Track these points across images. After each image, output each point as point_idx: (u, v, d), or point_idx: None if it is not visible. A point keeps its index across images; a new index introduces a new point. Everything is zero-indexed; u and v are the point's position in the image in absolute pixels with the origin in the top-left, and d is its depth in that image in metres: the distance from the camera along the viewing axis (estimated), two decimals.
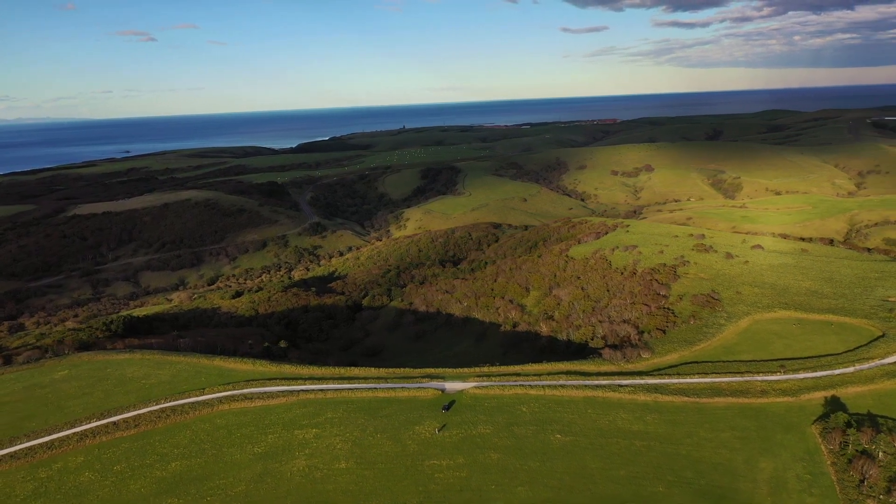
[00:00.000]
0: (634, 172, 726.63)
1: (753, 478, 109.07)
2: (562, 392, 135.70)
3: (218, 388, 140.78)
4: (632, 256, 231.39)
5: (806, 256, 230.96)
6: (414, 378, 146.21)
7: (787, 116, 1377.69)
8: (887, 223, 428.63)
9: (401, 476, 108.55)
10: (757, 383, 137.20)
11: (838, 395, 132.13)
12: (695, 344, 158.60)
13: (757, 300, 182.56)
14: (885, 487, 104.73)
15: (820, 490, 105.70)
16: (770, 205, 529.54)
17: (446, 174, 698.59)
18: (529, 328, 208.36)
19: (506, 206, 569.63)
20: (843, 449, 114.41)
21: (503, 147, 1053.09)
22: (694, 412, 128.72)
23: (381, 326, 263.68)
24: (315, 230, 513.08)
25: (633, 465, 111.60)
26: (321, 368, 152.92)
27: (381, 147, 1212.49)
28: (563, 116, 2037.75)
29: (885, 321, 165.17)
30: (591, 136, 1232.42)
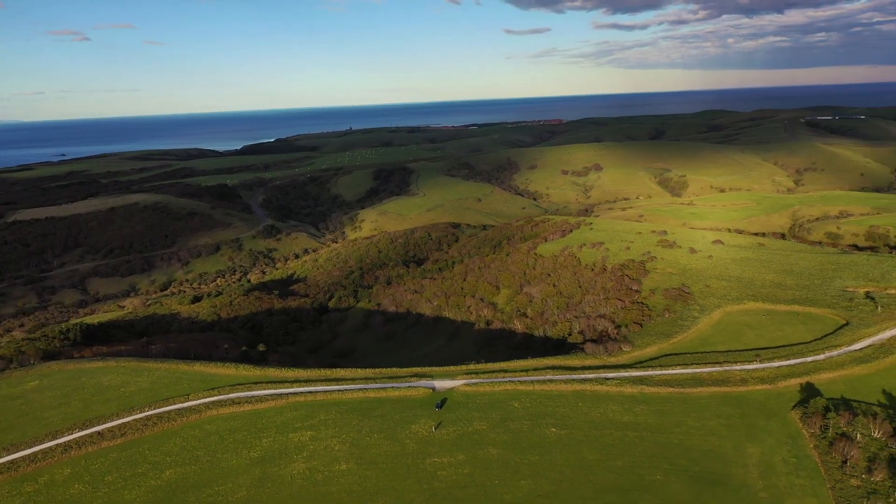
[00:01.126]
0: (584, 172, 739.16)
1: (743, 463, 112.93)
2: (551, 387, 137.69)
3: (203, 393, 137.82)
4: (600, 253, 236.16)
5: (764, 250, 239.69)
6: (402, 377, 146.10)
7: (725, 116, 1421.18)
8: (827, 218, 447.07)
9: (403, 475, 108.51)
10: (736, 372, 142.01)
11: (812, 382, 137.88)
12: (672, 336, 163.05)
13: (726, 293, 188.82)
14: (865, 467, 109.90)
15: (806, 472, 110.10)
16: (716, 202, 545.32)
17: (399, 175, 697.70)
18: (503, 326, 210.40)
19: (461, 206, 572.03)
20: (823, 432, 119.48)
21: (452, 147, 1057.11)
22: (680, 402, 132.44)
23: (349, 328, 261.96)
24: (269, 233, 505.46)
25: (629, 455, 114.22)
26: (307, 371, 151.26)
27: (329, 148, 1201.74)
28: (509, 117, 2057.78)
29: (847, 310, 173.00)
30: (537, 137, 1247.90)
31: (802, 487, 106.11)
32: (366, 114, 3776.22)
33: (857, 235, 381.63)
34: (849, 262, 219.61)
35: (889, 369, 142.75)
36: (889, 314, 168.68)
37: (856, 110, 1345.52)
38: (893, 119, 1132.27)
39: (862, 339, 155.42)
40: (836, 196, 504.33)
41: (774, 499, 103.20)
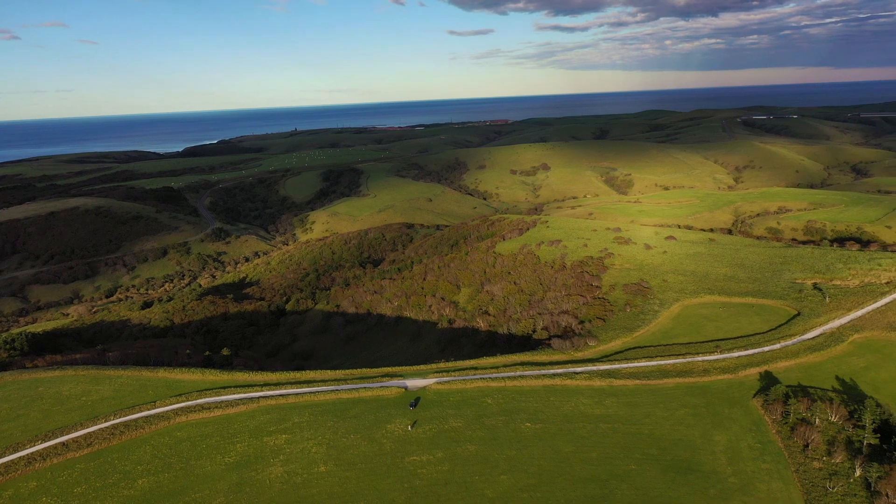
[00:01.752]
0: (532, 171, 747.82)
1: (711, 450, 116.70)
2: (522, 382, 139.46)
3: (170, 399, 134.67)
4: (558, 251, 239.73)
5: (715, 245, 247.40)
6: (373, 378, 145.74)
7: (665, 116, 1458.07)
8: (767, 214, 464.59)
9: (383, 475, 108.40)
10: (698, 363, 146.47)
11: (770, 370, 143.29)
12: (635, 330, 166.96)
13: (683, 287, 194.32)
14: (825, 450, 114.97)
15: (771, 457, 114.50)
16: (662, 199, 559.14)
17: (348, 176, 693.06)
18: (466, 324, 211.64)
19: (412, 206, 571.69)
20: (784, 418, 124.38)
21: (400, 148, 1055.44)
22: (647, 393, 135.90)
23: (308, 330, 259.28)
24: (218, 236, 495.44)
25: (603, 447, 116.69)
26: (275, 374, 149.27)
27: (274, 150, 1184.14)
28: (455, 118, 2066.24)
29: (798, 301, 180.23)
30: (484, 137, 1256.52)
31: (769, 472, 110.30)
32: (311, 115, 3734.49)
33: (795, 230, 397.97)
34: (795, 255, 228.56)
35: (840, 357, 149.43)
36: (836, 304, 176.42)
37: (788, 110, 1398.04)
38: (824, 118, 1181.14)
39: (814, 328, 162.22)
40: (774, 193, 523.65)
41: (743, 484, 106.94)
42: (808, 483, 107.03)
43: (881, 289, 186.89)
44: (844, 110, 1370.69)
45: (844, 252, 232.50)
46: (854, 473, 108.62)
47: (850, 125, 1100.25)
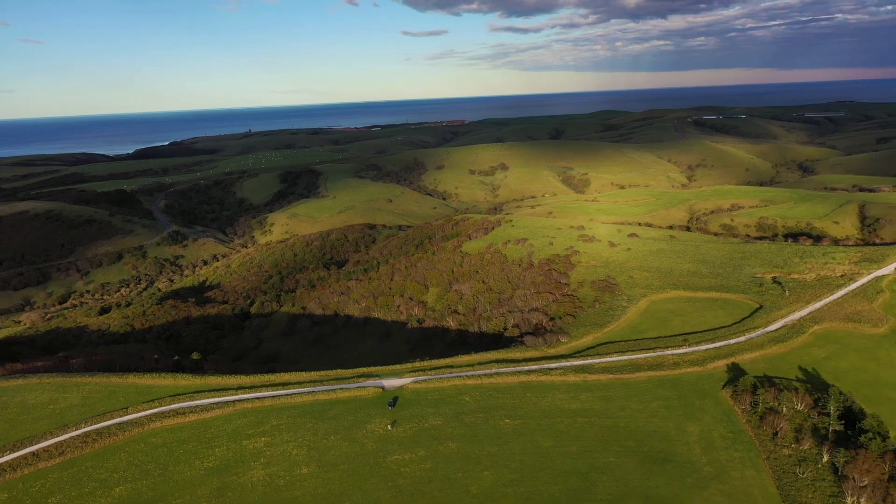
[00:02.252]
0: (490, 171, 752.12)
1: (686, 440, 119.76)
2: (498, 380, 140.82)
3: (142, 406, 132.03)
4: (525, 249, 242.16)
5: (676, 242, 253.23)
6: (348, 378, 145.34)
7: (619, 116, 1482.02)
8: (721, 211, 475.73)
9: (366, 475, 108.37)
10: (669, 357, 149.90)
11: (737, 362, 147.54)
12: (605, 326, 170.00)
13: (649, 283, 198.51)
14: (794, 437, 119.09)
15: (742, 445, 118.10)
16: (619, 198, 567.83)
17: (307, 177, 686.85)
18: (436, 323, 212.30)
19: (372, 207, 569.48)
20: (753, 408, 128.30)
21: (357, 149, 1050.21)
22: (621, 387, 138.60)
23: (274, 333, 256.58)
24: (175, 239, 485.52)
25: (582, 441, 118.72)
26: (250, 377, 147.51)
27: (229, 151, 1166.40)
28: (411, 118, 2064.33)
29: (759, 294, 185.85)
30: (441, 137, 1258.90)
31: (741, 460, 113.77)
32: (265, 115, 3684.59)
33: (748, 226, 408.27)
34: (753, 250, 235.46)
35: (802, 347, 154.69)
36: (796, 297, 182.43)
37: (737, 110, 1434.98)
38: (770, 118, 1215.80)
39: (776, 320, 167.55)
40: (726, 190, 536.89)
41: (718, 472, 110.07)
42: (779, 470, 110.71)
43: (836, 281, 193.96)
44: (790, 110, 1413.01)
45: (800, 247, 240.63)
46: (822, 459, 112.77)
47: (795, 125, 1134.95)
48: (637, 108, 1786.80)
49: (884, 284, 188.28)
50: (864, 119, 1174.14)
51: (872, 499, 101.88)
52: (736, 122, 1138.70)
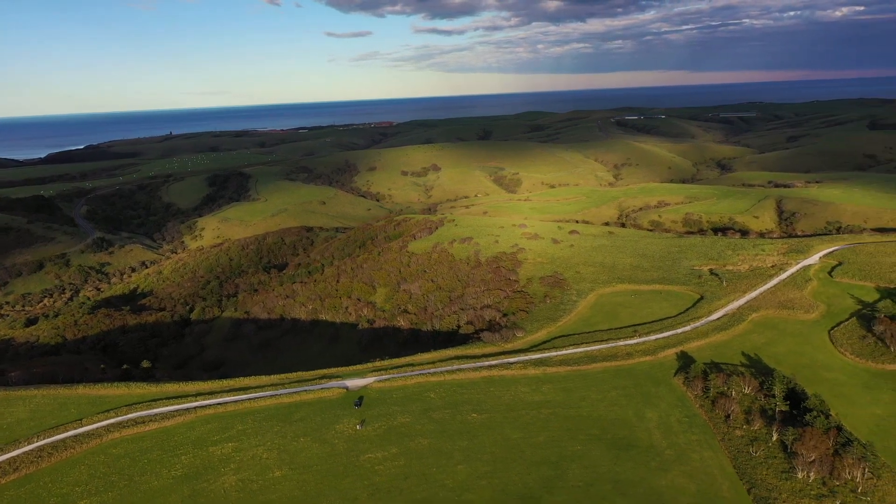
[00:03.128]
0: (423, 172, 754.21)
1: (646, 426, 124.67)
2: (460, 376, 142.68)
3: (97, 416, 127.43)
4: (471, 248, 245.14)
5: (615, 238, 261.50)
6: (310, 380, 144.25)
7: (544, 117, 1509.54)
8: (648, 207, 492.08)
9: (341, 474, 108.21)
10: (621, 347, 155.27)
11: (685, 350, 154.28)
12: (557, 320, 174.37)
13: (596, 277, 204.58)
14: (744, 419, 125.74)
15: (698, 428, 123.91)
16: (550, 196, 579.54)
17: (236, 180, 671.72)
18: (387, 323, 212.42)
19: (305, 209, 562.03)
20: (705, 393, 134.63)
21: (285, 151, 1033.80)
22: (579, 378, 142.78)
23: (217, 339, 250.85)
24: (100, 246, 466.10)
25: (548, 431, 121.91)
26: (207, 383, 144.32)
27: (149, 155, 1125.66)
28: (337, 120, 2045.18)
29: (699, 286, 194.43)
30: (370, 139, 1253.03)
31: (699, 442, 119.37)
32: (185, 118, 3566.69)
33: (675, 222, 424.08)
34: (688, 244, 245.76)
35: (743, 334, 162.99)
36: (733, 287, 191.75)
37: (656, 110, 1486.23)
38: (688, 118, 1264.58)
39: (717, 310, 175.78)
40: (652, 188, 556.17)
41: (678, 455, 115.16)
42: (734, 450, 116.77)
43: (768, 272, 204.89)
44: (705, 111, 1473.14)
45: (732, 240, 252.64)
46: (772, 438, 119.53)
47: (711, 124, 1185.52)
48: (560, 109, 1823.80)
49: (811, 273, 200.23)
50: (774, 119, 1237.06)
51: (820, 472, 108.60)
52: (656, 122, 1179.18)
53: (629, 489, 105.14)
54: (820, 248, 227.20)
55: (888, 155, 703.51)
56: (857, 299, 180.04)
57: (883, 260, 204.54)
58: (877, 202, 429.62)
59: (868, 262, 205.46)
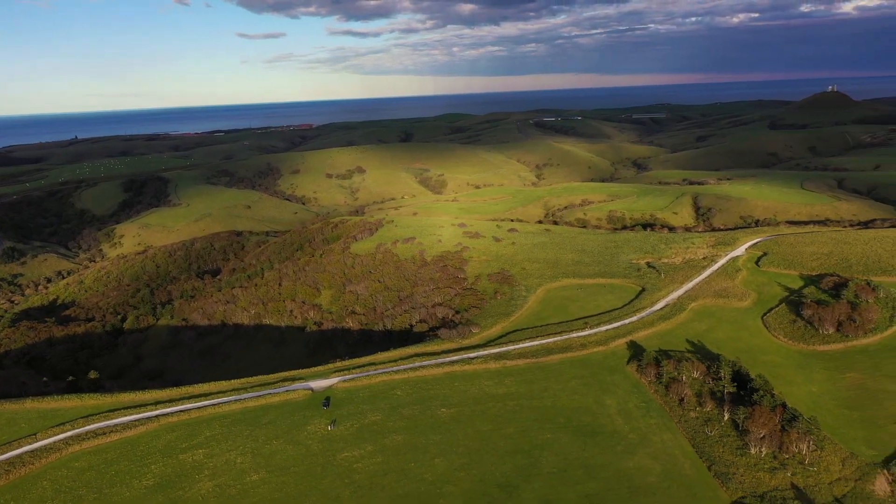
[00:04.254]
0: (348, 174, 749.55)
1: (607, 413, 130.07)
2: (423, 372, 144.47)
3: (53, 430, 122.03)
4: (416, 247, 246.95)
5: (553, 235, 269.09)
6: (273, 383, 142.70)
7: (465, 119, 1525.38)
8: (573, 206, 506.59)
9: (320, 475, 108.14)
10: (575, 339, 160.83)
11: (634, 340, 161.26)
12: (510, 315, 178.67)
13: (541, 273, 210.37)
14: (696, 402, 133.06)
15: (656, 413, 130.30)
16: (477, 196, 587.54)
17: (154, 185, 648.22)
18: (336, 325, 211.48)
19: (230, 214, 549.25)
20: (658, 379, 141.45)
21: (202, 155, 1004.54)
22: (539, 370, 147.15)
23: (154, 348, 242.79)
24: (11, 256, 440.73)
25: (517, 422, 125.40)
26: (165, 391, 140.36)
27: (55, 160, 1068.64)
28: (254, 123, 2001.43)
29: (639, 278, 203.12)
30: (290, 142, 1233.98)
31: (657, 426, 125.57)
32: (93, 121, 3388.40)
33: (600, 219, 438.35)
34: (623, 239, 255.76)
35: (685, 323, 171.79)
36: (670, 279, 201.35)
37: (572, 112, 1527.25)
38: (602, 119, 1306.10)
39: (659, 300, 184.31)
40: (575, 187, 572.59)
41: (641, 438, 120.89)
42: (691, 431, 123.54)
43: (701, 263, 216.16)
44: (618, 112, 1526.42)
45: (663, 235, 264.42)
46: (724, 418, 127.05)
47: (625, 125, 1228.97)
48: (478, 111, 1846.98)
49: (740, 264, 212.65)
50: (683, 120, 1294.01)
51: (770, 446, 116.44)
52: (573, 123, 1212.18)
53: (600, 473, 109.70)
54: (745, 240, 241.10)
55: (788, 153, 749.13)
56: (783, 287, 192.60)
57: (803, 250, 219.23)
58: (784, 197, 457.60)
59: (790, 252, 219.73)
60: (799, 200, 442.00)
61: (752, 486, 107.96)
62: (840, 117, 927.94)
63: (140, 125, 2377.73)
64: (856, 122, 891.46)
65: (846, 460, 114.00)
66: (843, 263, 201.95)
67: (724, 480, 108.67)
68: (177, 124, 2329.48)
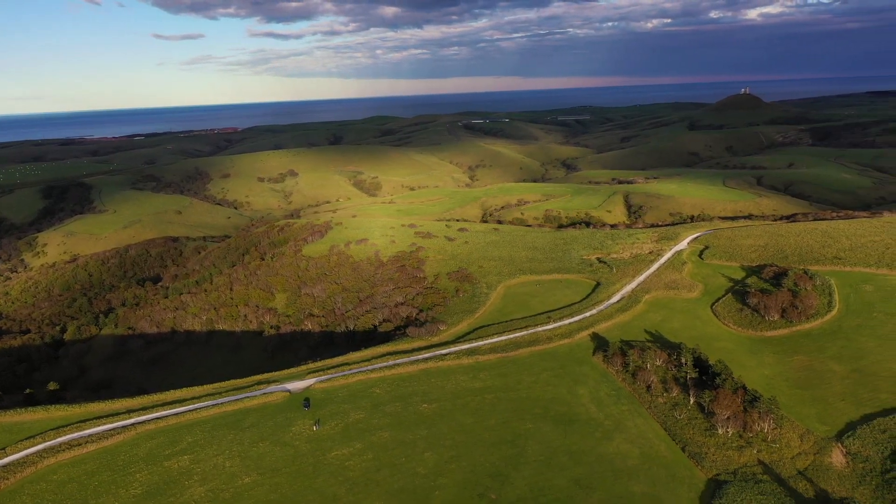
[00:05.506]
0: (280, 178, 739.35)
1: (581, 402, 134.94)
2: (399, 370, 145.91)
3: (22, 444, 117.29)
4: (370, 248, 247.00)
5: (502, 233, 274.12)
6: (246, 387, 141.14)
7: (393, 121, 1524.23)
8: (510, 206, 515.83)
9: (312, 474, 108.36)
10: (541, 333, 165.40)
11: (597, 331, 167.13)
12: (474, 312, 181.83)
13: (499, 270, 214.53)
14: (662, 388, 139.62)
15: (626, 400, 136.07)
16: (414, 198, 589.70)
17: (76, 191, 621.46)
18: (294, 328, 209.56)
19: (161, 220, 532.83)
20: (625, 368, 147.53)
21: (123, 160, 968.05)
22: (511, 364, 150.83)
23: (100, 358, 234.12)
24: None
25: (497, 414, 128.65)
26: (136, 399, 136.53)
27: None
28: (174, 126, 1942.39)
29: (593, 273, 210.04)
30: (215, 146, 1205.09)
31: (629, 412, 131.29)
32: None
33: (537, 218, 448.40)
34: (570, 236, 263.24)
35: (642, 314, 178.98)
36: (622, 273, 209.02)
37: (499, 114, 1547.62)
38: (529, 121, 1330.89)
39: (614, 294, 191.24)
40: (510, 188, 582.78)
41: (616, 424, 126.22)
42: (661, 415, 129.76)
43: (648, 258, 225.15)
44: (543, 114, 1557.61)
45: (609, 231, 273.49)
46: (689, 402, 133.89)
47: (551, 127, 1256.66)
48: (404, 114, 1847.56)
49: (685, 257, 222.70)
50: (606, 121, 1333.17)
51: (735, 426, 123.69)
52: (501, 125, 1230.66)
53: (583, 458, 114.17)
54: (686, 234, 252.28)
55: (708, 152, 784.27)
56: (727, 277, 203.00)
57: (741, 242, 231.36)
58: (709, 194, 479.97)
59: (729, 245, 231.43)
60: (723, 197, 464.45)
61: (723, 464, 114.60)
62: (753, 118, 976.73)
63: (51, 129, 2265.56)
64: (767, 122, 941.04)
65: (804, 436, 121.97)
66: (779, 254, 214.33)
67: (698, 460, 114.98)
68: (91, 128, 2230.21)
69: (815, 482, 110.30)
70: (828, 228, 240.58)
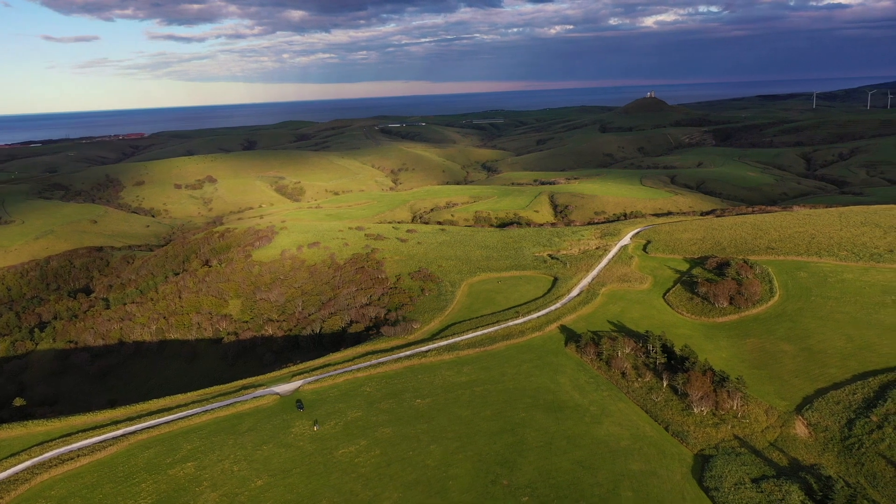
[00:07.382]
0: (198, 184, 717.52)
1: (565, 390, 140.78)
2: (383, 368, 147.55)
3: (7, 461, 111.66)
4: (324, 252, 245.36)
5: (452, 234, 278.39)
6: (232, 392, 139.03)
7: (307, 126, 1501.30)
8: (439, 208, 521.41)
9: (324, 472, 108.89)
10: (514, 327, 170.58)
11: (565, 324, 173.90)
12: (443, 310, 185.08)
13: (458, 269, 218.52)
14: (636, 374, 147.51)
15: (606, 386, 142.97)
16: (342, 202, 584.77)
17: None
18: (255, 334, 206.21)
19: (76, 230, 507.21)
20: (598, 357, 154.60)
21: (21, 168, 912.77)
22: (490, 357, 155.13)
23: (41, 374, 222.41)
24: None
25: (490, 405, 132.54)
26: (120, 410, 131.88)
27: None
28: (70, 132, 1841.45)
29: (548, 269, 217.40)
30: (121, 152, 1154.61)
31: (611, 397, 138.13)
32: None
33: (467, 220, 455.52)
34: (518, 235, 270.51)
35: (602, 306, 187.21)
36: (576, 268, 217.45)
37: (413, 118, 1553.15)
38: (445, 125, 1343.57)
39: (573, 288, 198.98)
40: (437, 190, 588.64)
41: (602, 409, 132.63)
42: (639, 399, 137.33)
43: (596, 253, 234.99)
44: (458, 118, 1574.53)
45: (554, 230, 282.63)
46: (663, 385, 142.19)
47: (467, 130, 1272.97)
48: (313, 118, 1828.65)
49: (630, 251, 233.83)
50: (521, 125, 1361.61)
51: (708, 405, 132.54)
52: (418, 129, 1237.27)
53: (580, 441, 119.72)
54: (627, 230, 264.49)
55: (622, 153, 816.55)
56: (673, 269, 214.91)
57: (680, 236, 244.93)
58: (629, 193, 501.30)
59: (669, 239, 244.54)
60: (643, 196, 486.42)
61: (705, 440, 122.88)
62: (660, 120, 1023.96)
63: None
64: (673, 124, 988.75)
65: (768, 411, 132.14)
66: (717, 246, 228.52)
67: (682, 438, 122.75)
68: None
69: (786, 452, 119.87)
70: (756, 221, 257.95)
